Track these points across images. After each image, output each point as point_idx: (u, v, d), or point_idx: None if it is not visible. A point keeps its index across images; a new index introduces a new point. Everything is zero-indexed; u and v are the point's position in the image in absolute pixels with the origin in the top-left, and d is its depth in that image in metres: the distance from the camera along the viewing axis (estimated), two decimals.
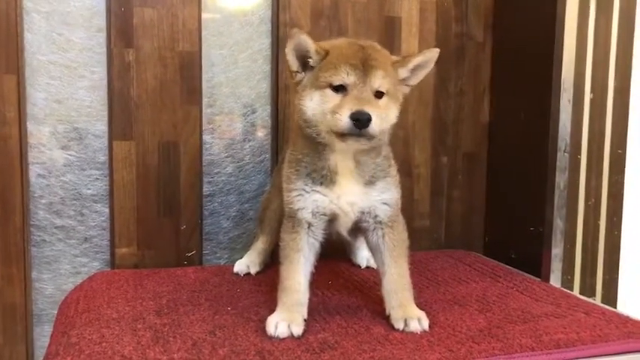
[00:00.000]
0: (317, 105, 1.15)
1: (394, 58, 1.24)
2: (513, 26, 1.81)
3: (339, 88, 1.14)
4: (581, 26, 1.57)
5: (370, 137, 1.12)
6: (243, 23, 1.74)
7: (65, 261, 1.67)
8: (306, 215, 1.23)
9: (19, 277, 1.60)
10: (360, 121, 1.09)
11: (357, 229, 1.30)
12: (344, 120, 1.10)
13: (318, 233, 1.26)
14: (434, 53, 1.24)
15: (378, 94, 1.16)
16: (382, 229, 1.25)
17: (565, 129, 1.54)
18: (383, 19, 1.81)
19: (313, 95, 1.16)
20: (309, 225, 1.24)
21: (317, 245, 1.27)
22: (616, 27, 1.62)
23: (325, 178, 1.21)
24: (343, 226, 1.27)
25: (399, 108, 1.22)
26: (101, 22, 1.63)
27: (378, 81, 1.15)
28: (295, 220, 1.24)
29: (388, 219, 1.25)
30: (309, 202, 1.22)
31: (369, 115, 1.09)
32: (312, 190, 1.22)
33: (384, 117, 1.14)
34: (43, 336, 1.66)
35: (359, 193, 1.22)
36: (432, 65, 1.25)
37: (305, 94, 1.18)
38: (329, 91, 1.14)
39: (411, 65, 1.24)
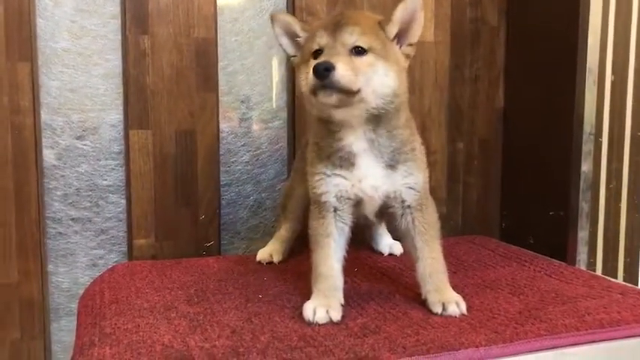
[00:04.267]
0: (303, 76, 1.15)
1: (379, 17, 1.17)
2: (528, 10, 1.80)
3: (317, 54, 1.12)
4: (603, 9, 1.56)
5: (338, 89, 1.06)
6: (258, 9, 1.71)
7: (82, 253, 1.64)
8: (330, 199, 1.20)
9: (36, 270, 1.56)
10: (318, 70, 1.05)
11: (385, 213, 1.27)
12: (310, 74, 1.07)
13: (346, 217, 1.23)
14: (414, 2, 1.15)
15: (359, 51, 1.10)
16: (411, 213, 1.22)
17: (591, 112, 1.53)
18: (398, 3, 1.78)
19: (302, 69, 1.16)
20: (335, 209, 1.21)
21: (346, 230, 1.24)
22: (636, 8, 1.61)
23: (344, 160, 1.18)
24: (369, 210, 1.24)
25: (398, 71, 1.14)
26: (115, 8, 1.59)
27: (352, 37, 1.10)
28: (321, 205, 1.22)
29: (416, 203, 1.22)
30: (331, 185, 1.19)
31: (329, 64, 1.05)
32: (333, 174, 1.19)
33: (364, 72, 1.09)
34: (60, 330, 1.63)
35: (381, 176, 1.18)
36: (420, 16, 1.16)
37: (298, 72, 1.18)
38: (312, 61, 1.12)
39: (395, 18, 1.15)
